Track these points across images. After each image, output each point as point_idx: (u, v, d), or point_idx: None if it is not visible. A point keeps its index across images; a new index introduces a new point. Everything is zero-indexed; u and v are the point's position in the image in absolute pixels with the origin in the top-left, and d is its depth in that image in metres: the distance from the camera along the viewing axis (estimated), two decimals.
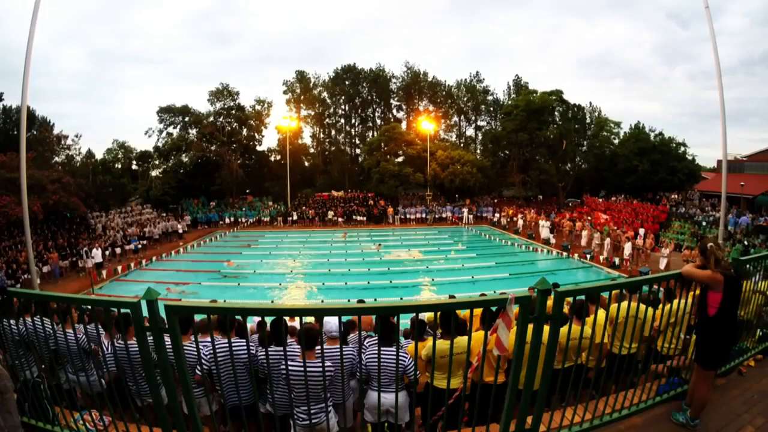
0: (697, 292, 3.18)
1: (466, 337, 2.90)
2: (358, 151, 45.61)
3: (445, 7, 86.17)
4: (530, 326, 2.54)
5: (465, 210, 34.00)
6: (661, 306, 3.60)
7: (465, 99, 45.21)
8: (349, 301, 13.03)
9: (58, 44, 65.43)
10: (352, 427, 3.59)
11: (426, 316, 5.78)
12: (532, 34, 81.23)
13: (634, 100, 71.75)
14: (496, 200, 38.34)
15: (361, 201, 36.20)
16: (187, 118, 37.96)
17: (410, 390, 3.49)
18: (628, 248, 18.88)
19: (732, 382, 3.75)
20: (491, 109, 45.29)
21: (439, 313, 3.08)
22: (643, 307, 3.55)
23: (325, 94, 44.82)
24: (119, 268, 19.06)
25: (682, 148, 32.90)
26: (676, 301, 3.49)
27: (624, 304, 3.65)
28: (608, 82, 78.46)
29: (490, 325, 2.65)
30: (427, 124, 37.32)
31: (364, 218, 33.15)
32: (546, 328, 2.60)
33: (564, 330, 3.12)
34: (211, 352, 2.77)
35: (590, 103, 42.61)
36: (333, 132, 46.37)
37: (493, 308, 2.68)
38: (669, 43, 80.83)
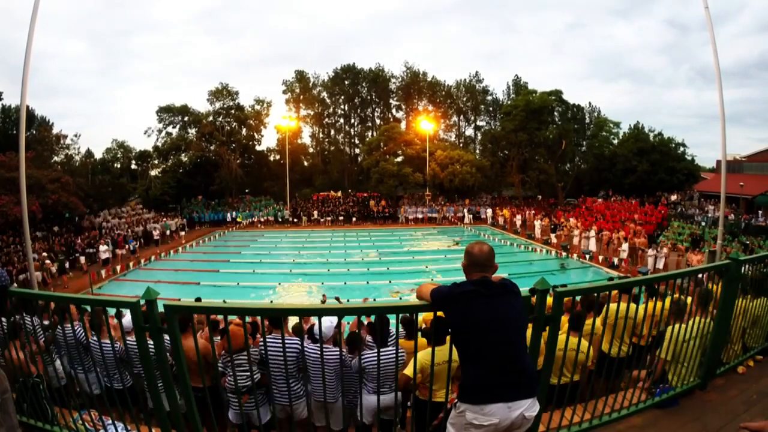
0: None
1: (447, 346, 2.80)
2: (357, 150, 45.56)
3: (446, 7, 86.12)
4: (529, 326, 2.53)
5: (465, 210, 33.99)
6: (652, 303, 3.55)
7: (464, 99, 45.19)
8: (348, 300, 13.03)
9: (56, 42, 65.22)
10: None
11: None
12: (531, 34, 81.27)
13: (633, 101, 71.84)
14: (495, 200, 38.35)
15: (360, 201, 36.19)
16: (186, 118, 37.90)
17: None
18: (625, 248, 18.95)
19: (732, 382, 3.73)
20: (490, 109, 45.27)
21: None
22: (633, 306, 3.60)
23: (324, 94, 44.74)
24: (118, 267, 19.05)
25: (682, 149, 32.92)
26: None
27: (620, 306, 3.62)
28: (608, 83, 78.60)
29: None
30: (426, 124, 37.26)
31: (353, 218, 33.12)
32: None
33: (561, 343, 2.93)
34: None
35: (590, 103, 42.75)
36: (332, 132, 46.33)
37: None
38: (671, 44, 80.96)
